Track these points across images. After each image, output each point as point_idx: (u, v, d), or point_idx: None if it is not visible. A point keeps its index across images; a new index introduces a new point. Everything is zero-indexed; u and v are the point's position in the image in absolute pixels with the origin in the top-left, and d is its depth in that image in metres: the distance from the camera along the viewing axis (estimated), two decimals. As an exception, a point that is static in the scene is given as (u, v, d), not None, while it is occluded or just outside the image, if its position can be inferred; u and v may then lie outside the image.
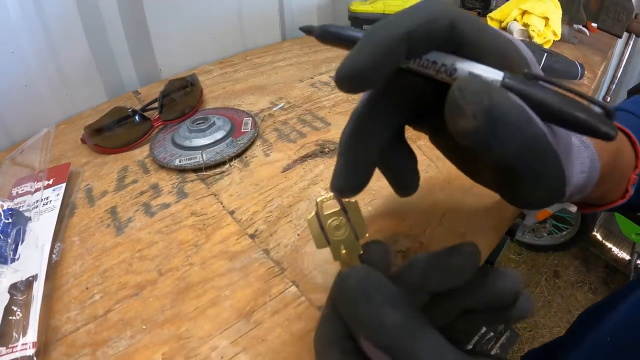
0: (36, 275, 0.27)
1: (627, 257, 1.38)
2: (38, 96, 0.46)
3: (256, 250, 0.29)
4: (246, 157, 0.39)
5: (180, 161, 0.38)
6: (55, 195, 0.34)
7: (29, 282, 0.26)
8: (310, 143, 0.41)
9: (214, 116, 0.42)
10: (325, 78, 0.56)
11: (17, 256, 0.29)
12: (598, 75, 0.59)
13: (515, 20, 0.67)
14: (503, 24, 0.70)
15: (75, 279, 0.28)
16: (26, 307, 0.25)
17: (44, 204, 0.33)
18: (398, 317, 0.15)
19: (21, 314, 0.24)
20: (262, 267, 0.28)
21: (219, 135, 0.41)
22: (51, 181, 0.36)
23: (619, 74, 0.76)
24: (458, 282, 0.18)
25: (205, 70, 0.60)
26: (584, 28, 0.72)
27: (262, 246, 0.30)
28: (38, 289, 0.26)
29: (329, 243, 0.19)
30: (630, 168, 0.28)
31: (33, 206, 0.33)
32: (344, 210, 0.19)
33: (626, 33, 0.67)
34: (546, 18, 0.64)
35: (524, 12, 0.66)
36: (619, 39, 0.71)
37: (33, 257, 0.28)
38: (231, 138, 0.41)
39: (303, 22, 0.64)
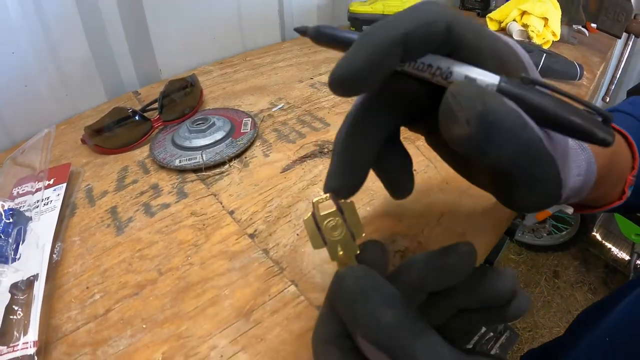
0: (37, 274, 0.27)
1: (627, 258, 1.38)
2: (38, 96, 0.46)
3: (255, 250, 0.29)
4: (246, 158, 0.40)
5: (180, 161, 0.38)
6: (55, 195, 0.35)
7: (30, 282, 0.26)
8: (309, 143, 0.41)
9: (214, 117, 0.43)
10: (324, 79, 0.56)
11: (18, 256, 0.29)
12: (597, 75, 0.59)
13: (514, 20, 0.67)
14: (502, 25, 0.70)
15: (75, 279, 0.28)
16: (27, 307, 0.25)
17: (45, 204, 0.34)
18: (395, 317, 0.16)
19: (22, 314, 0.25)
20: (262, 267, 0.28)
21: (219, 135, 0.41)
22: (52, 181, 0.36)
23: (618, 75, 0.76)
24: (454, 282, 0.18)
25: (205, 70, 0.61)
26: (583, 28, 0.72)
27: (262, 246, 0.30)
28: (39, 289, 0.26)
29: (326, 244, 0.19)
30: (627, 169, 0.28)
31: (34, 206, 0.33)
32: (340, 210, 0.19)
33: (625, 33, 0.67)
34: (545, 19, 0.64)
35: (524, 13, 0.66)
36: (618, 40, 0.71)
37: (34, 257, 0.28)
38: (231, 138, 0.41)
39: (303, 23, 0.64)
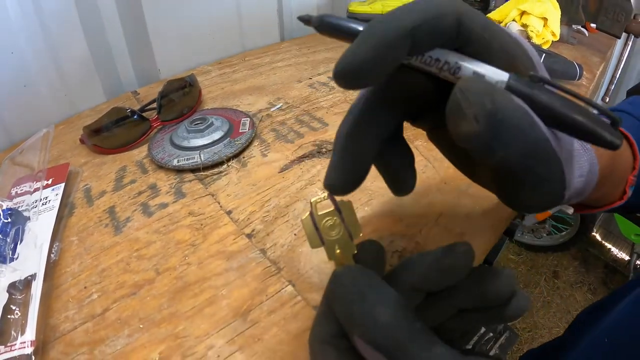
0: (35, 274, 0.27)
1: (627, 258, 1.38)
2: (37, 96, 0.46)
3: (253, 250, 0.29)
4: (244, 158, 0.40)
5: (178, 161, 0.38)
6: (54, 195, 0.35)
7: (28, 281, 0.26)
8: (307, 143, 0.41)
9: (212, 117, 0.43)
10: (323, 79, 0.56)
11: (16, 255, 0.29)
12: (597, 75, 0.59)
13: (514, 20, 0.67)
14: (502, 25, 0.70)
15: (73, 278, 0.28)
16: (25, 306, 0.25)
17: (43, 204, 0.34)
18: (392, 316, 0.15)
19: (20, 313, 0.25)
20: (259, 267, 0.28)
21: (217, 135, 0.41)
22: (50, 181, 0.36)
23: (618, 75, 0.76)
24: (452, 282, 0.18)
25: (204, 70, 0.61)
26: (583, 29, 0.72)
27: (259, 246, 0.30)
28: (36, 288, 0.26)
29: (324, 243, 0.19)
30: (628, 170, 0.28)
31: (32, 206, 0.33)
32: (338, 210, 0.19)
33: (625, 33, 0.67)
34: (545, 18, 0.64)
35: (523, 13, 0.66)
36: (618, 40, 0.71)
37: (32, 257, 0.28)
38: (229, 138, 0.41)
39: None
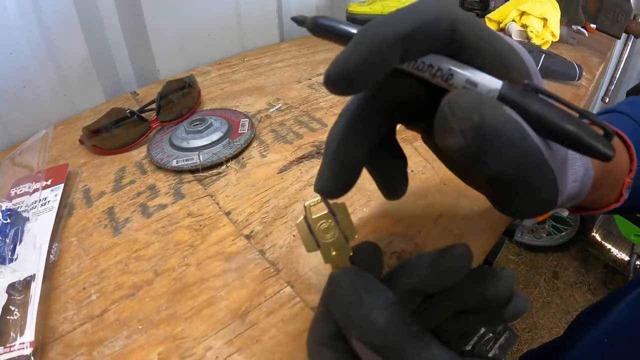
0: (34, 275, 0.27)
1: (626, 258, 1.38)
2: (37, 97, 0.46)
3: (252, 251, 0.29)
4: (243, 158, 0.40)
5: (177, 162, 0.38)
6: (53, 195, 0.35)
7: (27, 282, 0.26)
8: (306, 144, 0.41)
9: (211, 117, 0.43)
10: (322, 79, 0.56)
11: (15, 256, 0.29)
12: (596, 76, 0.59)
13: (513, 21, 0.67)
14: (501, 25, 0.70)
15: (72, 279, 0.28)
16: (24, 307, 0.25)
17: (42, 205, 0.34)
18: (389, 318, 0.15)
19: (19, 314, 0.25)
20: (258, 268, 0.28)
21: (216, 136, 0.41)
22: (49, 182, 0.36)
23: (618, 75, 0.76)
24: (450, 283, 0.18)
25: (203, 71, 0.61)
26: (583, 29, 0.72)
27: (258, 247, 0.30)
28: (36, 289, 0.26)
29: (319, 246, 0.19)
30: (624, 172, 0.28)
31: (31, 207, 0.33)
32: (332, 213, 0.19)
33: (625, 34, 0.67)
34: (545, 19, 0.64)
35: (523, 13, 0.66)
36: (618, 40, 0.71)
37: (31, 258, 0.28)
38: (228, 139, 0.41)
39: (301, 23, 0.64)
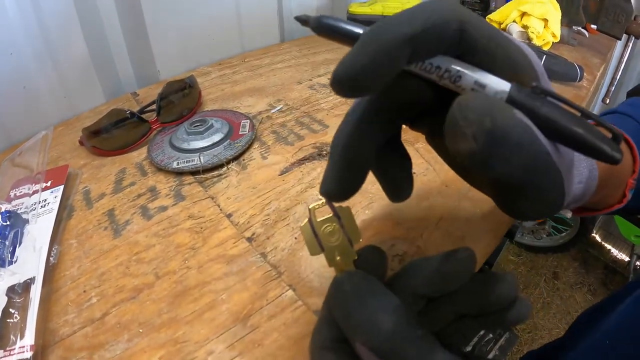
0: (34, 277, 0.27)
1: (626, 259, 1.38)
2: (36, 97, 0.46)
3: (253, 253, 0.29)
4: (244, 160, 0.39)
5: (178, 164, 0.38)
6: (53, 197, 0.35)
7: (27, 285, 0.26)
8: (308, 146, 0.41)
9: (212, 118, 0.42)
10: (323, 80, 0.56)
11: (15, 259, 0.29)
12: (597, 77, 0.59)
13: (514, 21, 0.67)
14: (502, 26, 0.70)
15: (72, 282, 0.28)
16: (24, 310, 0.25)
17: (42, 206, 0.33)
18: (395, 323, 0.15)
19: (19, 317, 0.24)
20: (259, 271, 0.28)
21: (217, 137, 0.41)
22: (49, 183, 0.36)
23: (618, 76, 0.76)
24: (454, 287, 0.18)
25: (203, 71, 0.60)
26: (584, 30, 0.72)
27: (259, 250, 0.30)
28: (35, 292, 0.26)
29: (323, 250, 0.19)
30: (628, 173, 0.28)
31: (31, 208, 0.33)
32: (337, 216, 0.19)
33: (625, 35, 0.67)
34: (545, 20, 0.64)
35: (523, 14, 0.66)
36: (618, 41, 0.71)
37: (31, 260, 0.28)
38: (229, 140, 0.41)
39: (302, 24, 0.64)
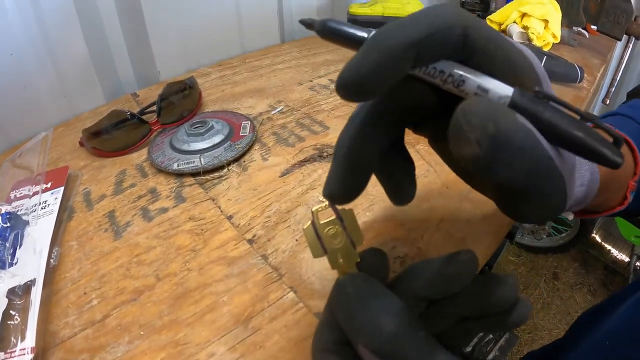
0: (34, 279, 0.27)
1: (627, 259, 1.38)
2: (36, 98, 0.46)
3: (254, 255, 0.29)
4: (244, 162, 0.39)
5: (178, 165, 0.38)
6: (53, 198, 0.34)
7: (27, 287, 0.26)
8: (308, 147, 0.41)
9: (213, 120, 0.42)
10: (324, 81, 0.56)
11: (15, 260, 0.29)
12: (597, 78, 0.59)
13: (514, 22, 0.67)
14: (502, 27, 0.70)
15: (73, 284, 0.28)
16: (24, 312, 0.25)
17: (42, 208, 0.33)
18: (397, 325, 0.16)
19: (19, 319, 0.24)
20: (260, 273, 0.28)
21: (217, 139, 0.40)
22: (49, 184, 0.36)
23: (619, 77, 0.76)
24: (455, 290, 0.18)
25: (204, 72, 0.60)
26: (584, 30, 0.72)
27: (260, 252, 0.30)
28: (36, 294, 0.26)
29: (326, 252, 0.19)
30: (629, 175, 0.28)
31: (31, 210, 0.33)
32: (340, 218, 0.19)
33: (626, 36, 0.67)
34: (546, 20, 0.64)
35: (524, 15, 0.66)
36: (619, 42, 0.71)
37: (31, 262, 0.28)
38: (229, 142, 0.41)
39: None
